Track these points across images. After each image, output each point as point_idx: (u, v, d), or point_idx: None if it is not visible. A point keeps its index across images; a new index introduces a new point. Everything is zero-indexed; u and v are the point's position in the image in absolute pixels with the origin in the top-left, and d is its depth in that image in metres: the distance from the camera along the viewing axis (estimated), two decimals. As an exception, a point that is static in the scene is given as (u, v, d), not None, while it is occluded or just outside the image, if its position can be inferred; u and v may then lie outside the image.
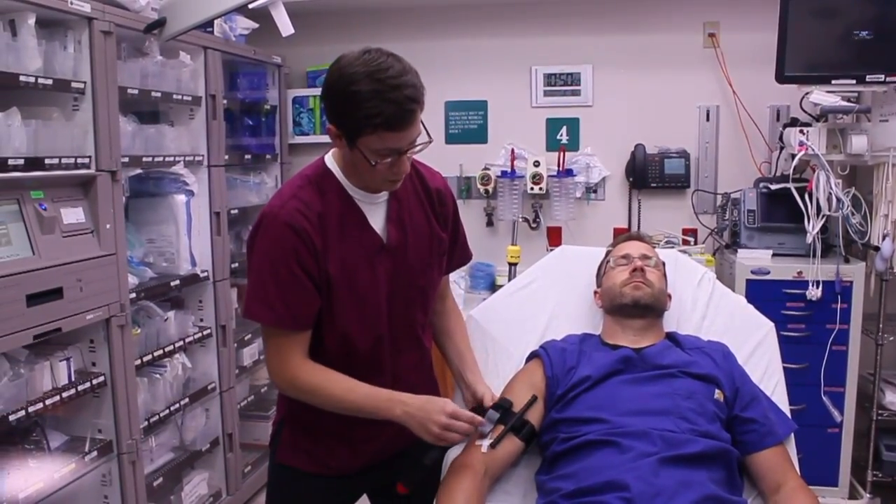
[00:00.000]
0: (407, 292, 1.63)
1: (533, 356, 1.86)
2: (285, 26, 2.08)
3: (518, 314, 2.03)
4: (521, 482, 1.74)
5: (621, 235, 2.12)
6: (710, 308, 2.00)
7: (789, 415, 1.80)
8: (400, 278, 1.61)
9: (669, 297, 1.92)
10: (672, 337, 1.86)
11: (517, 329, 2.00)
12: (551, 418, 1.70)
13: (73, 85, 2.16)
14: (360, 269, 1.56)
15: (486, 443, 1.64)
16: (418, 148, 1.49)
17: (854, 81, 2.67)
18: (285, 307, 1.51)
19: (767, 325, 1.95)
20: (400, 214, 1.61)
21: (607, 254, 2.02)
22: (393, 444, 1.68)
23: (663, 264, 1.97)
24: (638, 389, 1.67)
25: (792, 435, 1.73)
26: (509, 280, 3.08)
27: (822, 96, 2.70)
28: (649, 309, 1.83)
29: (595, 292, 2.00)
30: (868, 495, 2.93)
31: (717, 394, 1.69)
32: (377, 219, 1.59)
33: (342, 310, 1.56)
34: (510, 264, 3.28)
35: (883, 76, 2.63)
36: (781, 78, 2.74)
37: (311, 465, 1.68)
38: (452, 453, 1.70)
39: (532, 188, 3.45)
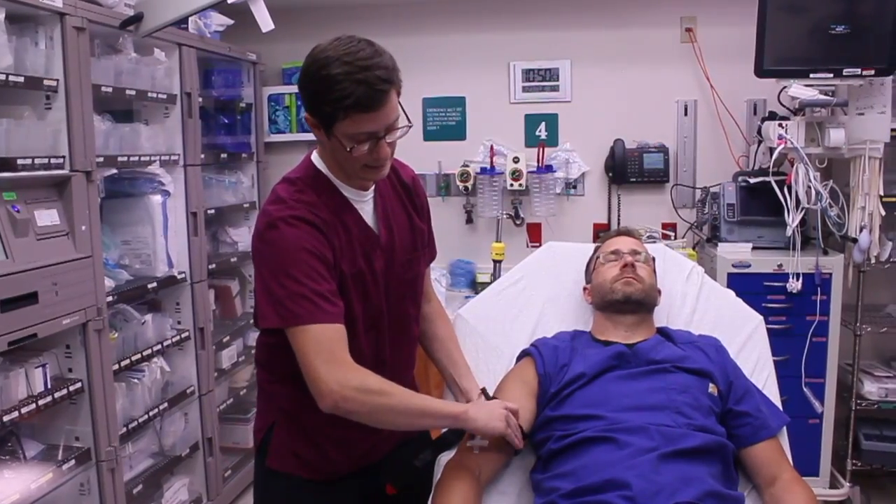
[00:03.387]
0: (399, 287, 1.62)
1: (524, 354, 1.85)
2: (265, 22, 2.05)
3: (507, 312, 2.01)
4: (516, 481, 1.72)
5: (610, 231, 2.11)
6: (700, 302, 2.00)
7: (780, 407, 1.81)
8: (392, 274, 1.59)
9: (659, 292, 1.92)
10: (663, 332, 1.86)
11: (507, 327, 1.98)
12: (545, 416, 1.69)
13: (46, 83, 2.10)
14: (364, 267, 1.54)
15: (476, 443, 1.63)
16: (398, 133, 1.45)
17: (831, 75, 2.69)
18: (324, 299, 1.42)
19: (757, 319, 1.96)
20: (385, 211, 1.60)
21: (596, 249, 2.00)
22: (383, 444, 1.67)
23: (653, 259, 1.96)
24: (633, 385, 1.67)
25: (784, 427, 1.74)
26: (494, 277, 3.07)
27: (800, 90, 2.72)
28: (641, 304, 1.83)
29: (584, 289, 1.99)
30: (848, 484, 2.96)
31: (711, 388, 1.68)
32: (368, 216, 1.58)
33: (350, 309, 1.51)
34: (495, 261, 3.26)
35: (859, 70, 2.66)
36: (760, 72, 2.76)
37: (304, 470, 1.63)
38: (444, 456, 1.68)
39: (512, 185, 3.43)
